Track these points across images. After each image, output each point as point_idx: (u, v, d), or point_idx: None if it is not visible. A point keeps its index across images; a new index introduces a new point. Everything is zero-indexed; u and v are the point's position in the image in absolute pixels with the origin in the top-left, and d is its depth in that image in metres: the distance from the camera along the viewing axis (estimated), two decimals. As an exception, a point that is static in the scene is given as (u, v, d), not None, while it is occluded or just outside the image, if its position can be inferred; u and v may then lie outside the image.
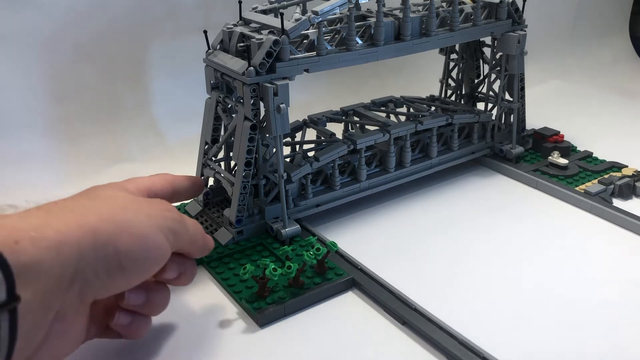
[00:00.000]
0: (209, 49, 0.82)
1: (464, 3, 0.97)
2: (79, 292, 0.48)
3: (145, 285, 0.58)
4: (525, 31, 1.00)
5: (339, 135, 0.95)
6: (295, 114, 0.93)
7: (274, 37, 0.74)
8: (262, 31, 0.79)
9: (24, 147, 1.01)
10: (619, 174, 0.97)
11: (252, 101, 0.75)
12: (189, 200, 0.90)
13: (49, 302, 0.45)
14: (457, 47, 1.11)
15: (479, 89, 1.12)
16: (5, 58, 0.99)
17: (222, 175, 0.84)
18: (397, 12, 0.89)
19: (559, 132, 1.09)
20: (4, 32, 0.97)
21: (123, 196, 0.56)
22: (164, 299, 0.62)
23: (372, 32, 0.85)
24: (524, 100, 1.07)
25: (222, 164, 0.87)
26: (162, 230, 0.54)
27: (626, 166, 1.01)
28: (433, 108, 1.06)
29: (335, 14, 0.81)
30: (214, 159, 0.86)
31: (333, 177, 0.87)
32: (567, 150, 1.06)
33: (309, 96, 1.25)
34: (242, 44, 0.78)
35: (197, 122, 0.88)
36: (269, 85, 0.74)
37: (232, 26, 0.81)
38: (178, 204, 0.90)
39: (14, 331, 0.42)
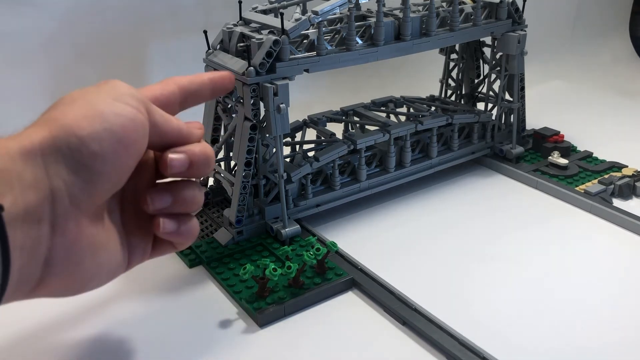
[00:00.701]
0: (209, 49, 0.82)
1: (464, 3, 0.97)
2: (68, 197, 0.46)
3: (167, 186, 0.56)
4: (525, 31, 1.00)
5: (339, 135, 0.95)
6: (295, 114, 0.93)
7: (274, 37, 0.74)
8: (262, 31, 0.79)
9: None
10: (619, 174, 0.97)
11: (252, 101, 0.75)
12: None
13: (35, 211, 0.44)
14: (457, 47, 1.11)
15: (479, 89, 1.12)
16: (5, 58, 0.99)
17: (222, 175, 0.84)
18: (397, 12, 0.89)
19: (559, 132, 1.09)
20: (4, 32, 0.98)
21: (75, 93, 0.51)
22: (195, 193, 0.57)
23: (372, 32, 0.85)
24: (524, 100, 1.07)
25: (222, 164, 0.87)
26: (120, 99, 0.50)
27: (626, 166, 1.01)
28: (433, 108, 1.06)
29: (335, 14, 0.81)
30: (214, 159, 0.86)
31: (333, 177, 0.87)
32: (567, 150, 1.06)
33: (309, 96, 1.25)
34: (242, 44, 0.78)
35: (197, 122, 0.88)
36: (269, 85, 0.74)
37: (232, 26, 0.81)
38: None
39: (5, 240, 0.41)
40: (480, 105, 1.11)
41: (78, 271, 0.49)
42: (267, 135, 0.78)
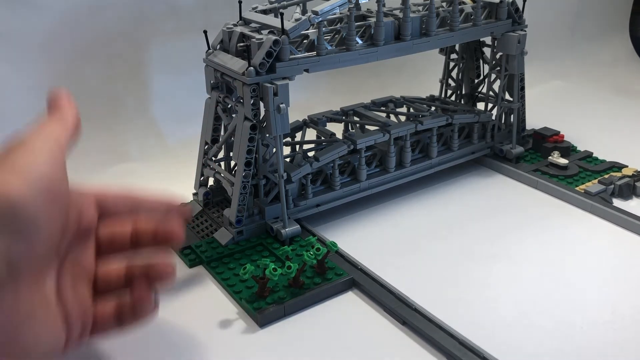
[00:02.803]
0: (209, 49, 0.82)
1: (464, 3, 0.97)
2: (6, 265, 0.45)
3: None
4: (525, 31, 1.00)
5: (339, 135, 0.95)
6: (295, 114, 0.93)
7: (274, 37, 0.74)
8: (262, 31, 0.79)
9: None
10: (619, 174, 0.97)
11: (252, 101, 0.75)
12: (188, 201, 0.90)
13: None
14: (457, 47, 1.11)
15: (479, 89, 1.12)
16: (5, 58, 0.99)
17: (222, 175, 0.84)
18: (397, 12, 0.89)
19: (559, 132, 1.09)
20: (4, 32, 0.97)
21: None
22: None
23: (372, 32, 0.85)
24: (524, 100, 1.07)
25: (222, 164, 0.87)
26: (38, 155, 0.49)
27: (626, 166, 1.01)
28: (433, 108, 1.06)
29: (335, 14, 0.81)
30: (214, 159, 0.86)
31: (333, 177, 0.87)
32: (567, 150, 1.06)
33: (309, 96, 1.25)
34: (242, 44, 0.78)
35: (197, 122, 0.88)
36: (269, 85, 0.74)
37: (232, 26, 0.81)
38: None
39: None
40: (480, 105, 1.11)
41: (14, 345, 0.47)
42: (267, 135, 0.78)
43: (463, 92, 1.13)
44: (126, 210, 0.60)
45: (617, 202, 0.91)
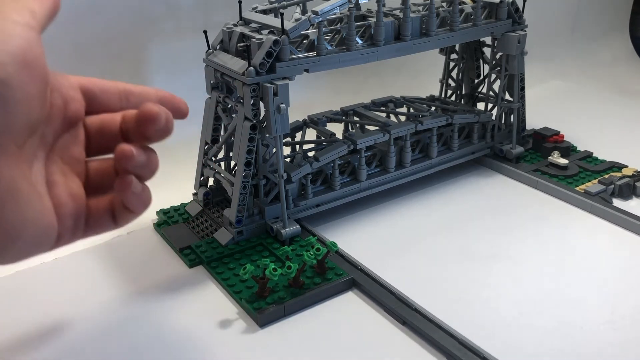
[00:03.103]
0: (209, 49, 0.82)
1: (464, 3, 0.97)
2: None
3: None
4: (525, 31, 1.00)
5: (339, 135, 0.95)
6: (295, 114, 0.93)
7: (274, 37, 0.74)
8: (262, 31, 0.79)
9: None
10: (619, 174, 0.97)
11: (252, 101, 0.75)
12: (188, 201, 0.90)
13: None
14: (457, 47, 1.11)
15: (479, 89, 1.12)
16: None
17: (222, 175, 0.84)
18: (397, 12, 0.89)
19: (559, 132, 1.09)
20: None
21: None
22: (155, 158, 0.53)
23: (372, 32, 0.85)
24: (524, 100, 1.07)
25: (222, 164, 0.87)
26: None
27: (626, 166, 1.01)
28: (433, 108, 1.06)
29: (335, 14, 0.81)
30: (214, 159, 0.86)
31: (333, 177, 0.87)
32: (567, 150, 1.06)
33: (309, 96, 1.25)
34: (242, 44, 0.78)
35: (197, 122, 0.88)
36: (269, 85, 0.74)
37: (232, 26, 0.81)
38: (178, 204, 0.90)
39: None
40: (480, 105, 1.11)
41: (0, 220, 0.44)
42: (267, 135, 0.78)
43: (463, 92, 1.13)
44: (115, 101, 0.56)
45: (617, 202, 0.91)
